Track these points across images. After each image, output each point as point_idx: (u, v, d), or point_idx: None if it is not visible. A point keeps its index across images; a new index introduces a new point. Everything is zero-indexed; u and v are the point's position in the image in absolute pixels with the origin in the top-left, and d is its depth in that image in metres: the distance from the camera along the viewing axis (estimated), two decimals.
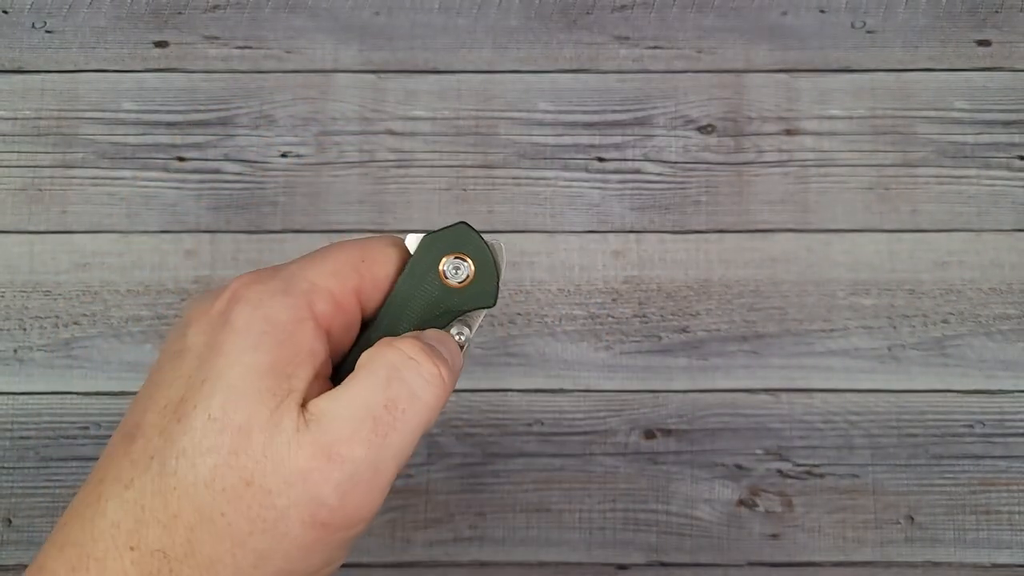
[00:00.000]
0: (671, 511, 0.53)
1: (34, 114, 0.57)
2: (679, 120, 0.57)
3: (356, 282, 0.24)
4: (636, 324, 0.55)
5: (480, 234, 0.26)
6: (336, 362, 0.25)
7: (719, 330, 0.55)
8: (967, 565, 0.52)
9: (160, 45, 0.58)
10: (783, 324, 0.55)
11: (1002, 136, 0.57)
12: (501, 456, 0.54)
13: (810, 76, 0.57)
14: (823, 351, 0.54)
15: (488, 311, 0.27)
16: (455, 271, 0.26)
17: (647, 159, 0.57)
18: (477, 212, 0.56)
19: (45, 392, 0.54)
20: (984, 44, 0.58)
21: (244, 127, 0.57)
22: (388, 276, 0.25)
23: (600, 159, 0.57)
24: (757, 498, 0.53)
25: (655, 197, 0.56)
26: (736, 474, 0.53)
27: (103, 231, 0.56)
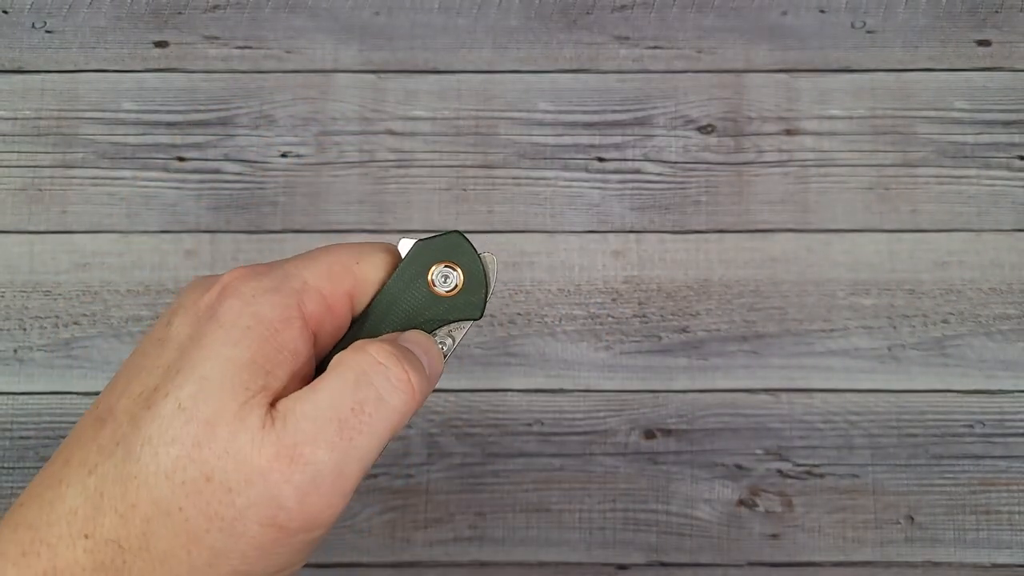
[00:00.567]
0: (671, 511, 0.53)
1: (34, 114, 0.57)
2: (679, 120, 0.57)
3: (350, 284, 0.24)
4: (636, 324, 0.55)
5: (473, 245, 0.26)
6: (319, 363, 0.25)
7: (719, 330, 0.55)
8: (967, 565, 0.52)
9: (160, 45, 0.58)
10: (783, 324, 0.55)
11: (1002, 136, 0.57)
12: (501, 456, 0.54)
13: (810, 76, 0.57)
14: (823, 351, 0.54)
15: (474, 323, 0.26)
16: (444, 279, 0.25)
17: (647, 159, 0.57)
18: (477, 212, 0.56)
19: (45, 392, 0.54)
20: (984, 44, 0.58)
21: (244, 127, 0.57)
22: (379, 280, 0.25)
23: (600, 159, 0.57)
24: (757, 498, 0.53)
25: (655, 197, 0.56)
26: (736, 474, 0.53)
27: (103, 231, 0.56)
